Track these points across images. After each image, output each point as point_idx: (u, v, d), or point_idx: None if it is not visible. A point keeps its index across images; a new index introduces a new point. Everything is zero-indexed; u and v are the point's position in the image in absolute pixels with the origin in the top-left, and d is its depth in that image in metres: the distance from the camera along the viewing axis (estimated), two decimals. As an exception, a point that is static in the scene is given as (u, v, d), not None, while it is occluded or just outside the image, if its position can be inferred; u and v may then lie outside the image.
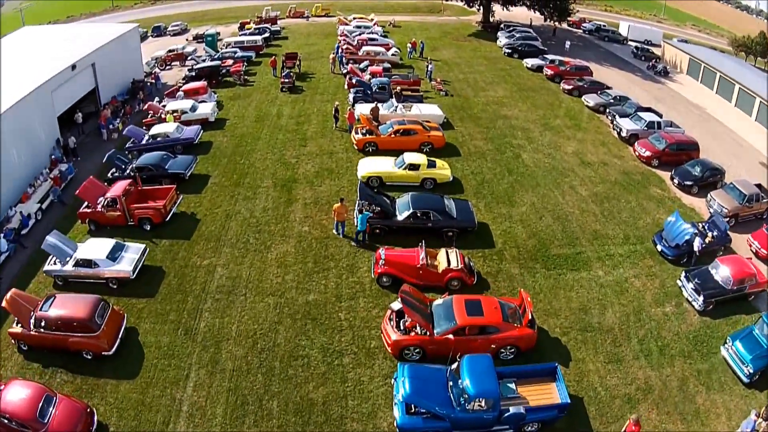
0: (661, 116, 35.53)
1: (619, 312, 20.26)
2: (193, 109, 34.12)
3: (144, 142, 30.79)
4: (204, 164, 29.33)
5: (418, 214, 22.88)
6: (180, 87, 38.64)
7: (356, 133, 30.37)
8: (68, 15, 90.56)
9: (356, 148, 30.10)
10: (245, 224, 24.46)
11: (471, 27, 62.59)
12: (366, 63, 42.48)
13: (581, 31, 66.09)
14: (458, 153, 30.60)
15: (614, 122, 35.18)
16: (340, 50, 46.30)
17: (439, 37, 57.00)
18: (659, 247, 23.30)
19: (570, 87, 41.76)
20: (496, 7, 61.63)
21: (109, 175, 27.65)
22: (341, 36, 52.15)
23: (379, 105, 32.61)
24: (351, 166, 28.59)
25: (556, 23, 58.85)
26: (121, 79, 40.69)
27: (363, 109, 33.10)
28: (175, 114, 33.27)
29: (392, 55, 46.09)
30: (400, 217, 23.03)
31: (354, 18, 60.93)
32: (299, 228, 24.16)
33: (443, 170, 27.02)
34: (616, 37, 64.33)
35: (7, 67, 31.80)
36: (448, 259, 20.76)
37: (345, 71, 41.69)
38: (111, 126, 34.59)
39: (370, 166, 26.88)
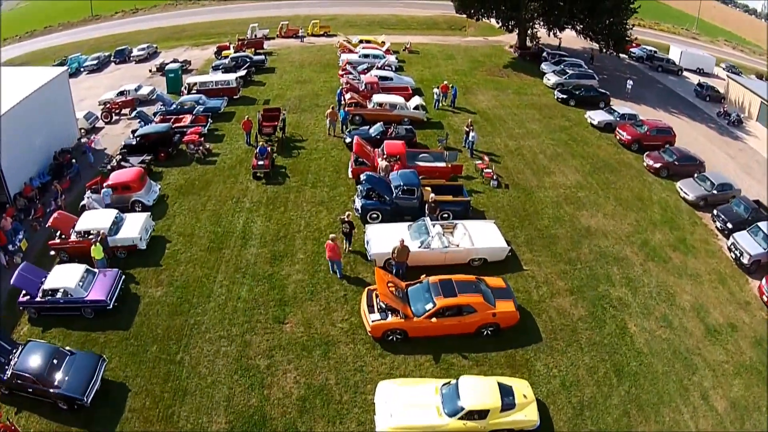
0: None
1: None
2: (116, 227, 20.23)
3: (38, 299, 17.27)
4: (118, 360, 15.73)
5: None
6: (109, 172, 24.41)
7: (370, 309, 16.22)
8: (46, 26, 75.85)
9: (371, 335, 16.15)
10: None
11: (505, 53, 47.81)
12: (378, 127, 28.24)
13: (628, 56, 51.37)
14: (535, 332, 16.89)
15: (732, 242, 22.02)
16: (342, 99, 32.18)
17: (470, 69, 42.29)
18: None
19: (658, 165, 27.87)
20: (541, 32, 46.66)
21: None
22: (343, 71, 37.60)
23: (405, 234, 18.72)
24: (362, 381, 14.93)
25: (613, 53, 44.16)
26: (42, 151, 26.95)
27: (378, 236, 19.31)
28: (91, 234, 19.55)
29: (414, 108, 31.31)
30: None
31: (360, 42, 45.76)
32: None
33: (526, 412, 13.40)
34: (670, 67, 49.90)
35: None
36: None
37: (348, 139, 27.72)
38: (12, 246, 21.01)
39: (398, 412, 13.01)
